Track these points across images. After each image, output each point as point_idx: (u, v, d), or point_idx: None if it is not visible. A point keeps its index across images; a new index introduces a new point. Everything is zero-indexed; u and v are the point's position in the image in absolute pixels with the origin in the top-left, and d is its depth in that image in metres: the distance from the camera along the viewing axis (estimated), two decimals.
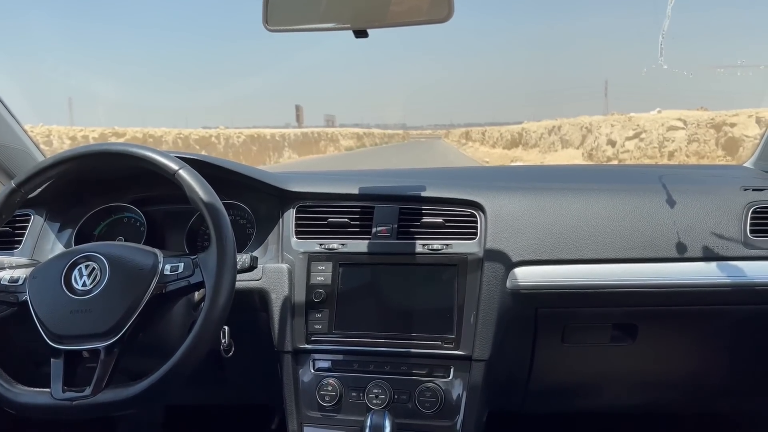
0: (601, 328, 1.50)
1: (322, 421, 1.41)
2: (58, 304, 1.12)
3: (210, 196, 1.16)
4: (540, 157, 28.25)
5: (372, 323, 1.41)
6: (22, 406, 1.10)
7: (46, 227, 1.58)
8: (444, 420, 1.37)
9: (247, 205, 1.58)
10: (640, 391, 1.71)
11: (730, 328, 1.53)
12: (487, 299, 1.38)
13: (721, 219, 1.43)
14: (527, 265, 1.41)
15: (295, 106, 74.66)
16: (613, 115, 23.71)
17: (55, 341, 1.10)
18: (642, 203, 1.46)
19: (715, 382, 1.67)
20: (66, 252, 1.21)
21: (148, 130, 28.01)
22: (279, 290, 1.44)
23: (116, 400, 1.07)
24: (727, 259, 1.39)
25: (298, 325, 1.43)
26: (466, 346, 1.37)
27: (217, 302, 1.09)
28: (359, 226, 1.49)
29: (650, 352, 1.56)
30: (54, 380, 1.09)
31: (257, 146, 35.11)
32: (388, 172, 1.99)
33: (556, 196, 1.50)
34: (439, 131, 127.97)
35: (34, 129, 20.90)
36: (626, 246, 1.40)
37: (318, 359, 1.43)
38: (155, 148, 1.24)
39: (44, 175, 1.24)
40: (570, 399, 1.76)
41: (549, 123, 32.04)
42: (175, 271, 1.14)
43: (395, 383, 1.38)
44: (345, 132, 62.70)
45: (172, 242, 1.60)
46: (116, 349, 1.09)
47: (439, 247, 1.43)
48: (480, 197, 1.48)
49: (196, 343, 1.08)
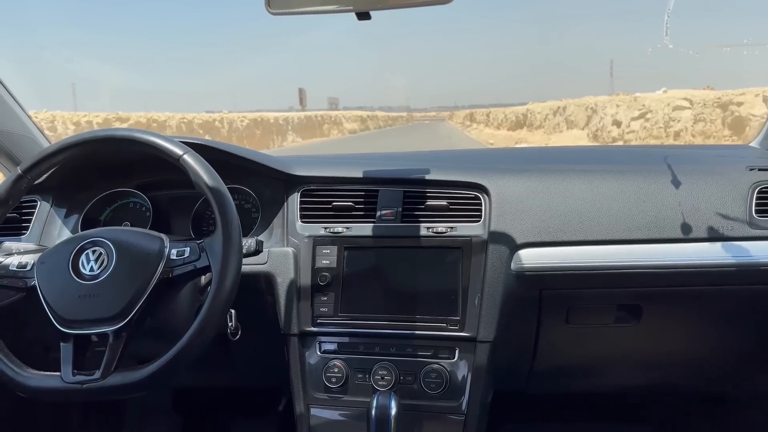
0: (606, 310, 1.51)
1: (328, 403, 1.43)
2: (66, 289, 1.13)
3: (215, 181, 1.16)
4: (545, 138, 28.13)
5: (377, 306, 1.42)
6: (33, 389, 1.12)
7: (53, 213, 1.59)
8: (449, 400, 1.38)
9: (251, 190, 1.58)
10: (644, 371, 1.72)
11: (735, 308, 1.53)
12: (491, 281, 1.38)
13: (727, 199, 1.42)
14: (532, 246, 1.41)
15: (298, 89, 74.40)
16: (619, 96, 23.57)
17: (63, 326, 1.11)
18: (647, 184, 1.46)
19: (720, 362, 1.68)
20: (73, 237, 1.22)
21: (152, 115, 27.99)
22: (284, 274, 1.45)
23: (125, 383, 1.08)
24: (733, 239, 1.39)
25: (304, 308, 1.44)
26: (471, 328, 1.38)
27: (223, 286, 1.10)
28: (364, 209, 1.49)
29: (654, 333, 1.56)
30: (64, 364, 1.10)
31: (261, 130, 35.06)
32: (392, 156, 1.99)
33: (561, 177, 1.50)
34: (443, 113, 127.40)
35: (38, 115, 20.91)
36: (631, 227, 1.40)
37: (324, 341, 1.44)
38: (159, 133, 1.24)
39: (50, 161, 1.24)
40: (574, 379, 1.77)
41: (554, 104, 31.87)
42: (181, 255, 1.15)
43: (401, 365, 1.39)
44: (348, 115, 62.51)
45: (177, 227, 1.61)
46: (124, 333, 1.10)
47: (443, 230, 1.43)
48: (484, 180, 1.48)
49: (204, 327, 1.09)
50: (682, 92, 19.35)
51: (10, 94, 1.75)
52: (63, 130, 21.25)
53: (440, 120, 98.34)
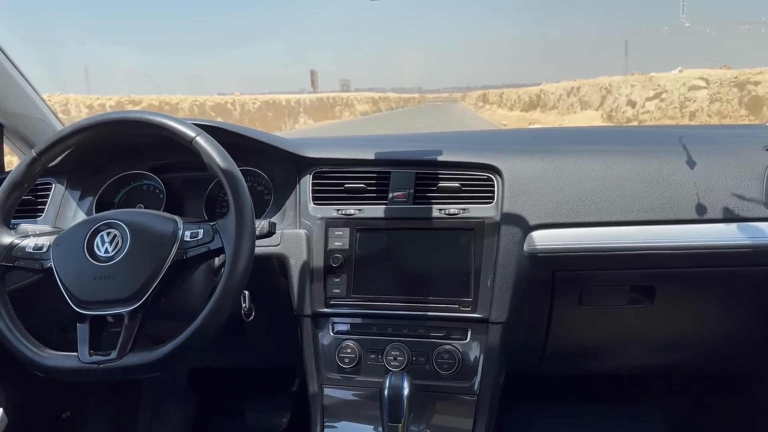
0: (619, 291, 1.50)
1: (341, 383, 1.44)
2: (82, 270, 1.15)
3: (227, 163, 1.16)
4: (558, 119, 27.91)
5: (389, 287, 1.43)
6: (51, 369, 1.14)
7: (68, 195, 1.61)
8: (462, 381, 1.39)
9: (264, 172, 1.58)
10: (657, 352, 1.71)
11: (749, 290, 1.52)
12: (504, 263, 1.38)
13: (742, 180, 1.41)
14: (545, 228, 1.40)
15: (310, 71, 74.12)
16: (633, 76, 23.28)
17: (80, 307, 1.13)
18: (662, 165, 1.44)
19: (733, 343, 1.67)
20: (87, 220, 1.23)
21: (164, 98, 28.04)
22: (297, 256, 1.45)
23: (141, 363, 1.09)
24: (748, 220, 1.37)
25: (317, 290, 1.45)
26: (483, 309, 1.38)
27: (237, 267, 1.11)
28: (376, 191, 1.49)
29: (668, 314, 1.56)
30: (81, 344, 1.12)
31: (273, 112, 35.04)
32: (403, 137, 1.98)
33: (575, 158, 1.49)
34: (456, 94, 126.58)
35: (51, 98, 21.01)
36: (645, 208, 1.39)
37: (337, 322, 1.45)
38: (172, 115, 1.24)
39: (64, 144, 1.25)
40: (587, 361, 1.77)
41: (568, 84, 31.56)
42: (195, 237, 1.16)
43: (413, 345, 1.40)
44: (360, 97, 62.25)
45: (191, 209, 1.62)
46: (140, 314, 1.11)
47: (455, 212, 1.43)
48: (497, 161, 1.47)
49: (218, 308, 1.10)
50: (698, 71, 19.08)
51: (24, 77, 1.76)
52: (76, 113, 21.35)
53: (453, 101, 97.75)
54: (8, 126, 1.81)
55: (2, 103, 1.74)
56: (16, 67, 1.72)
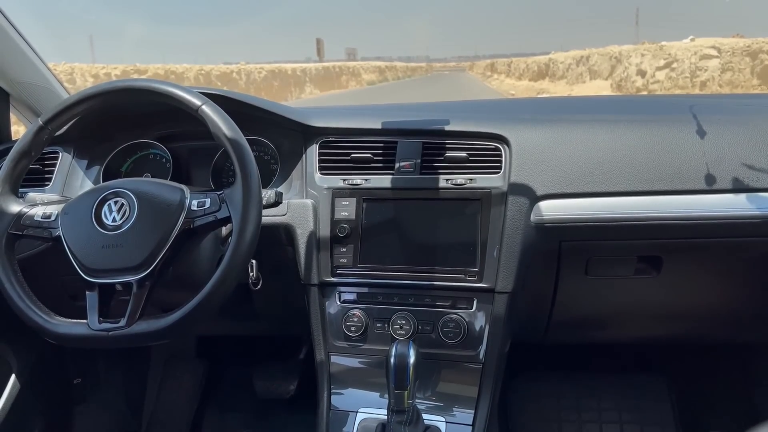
0: (626, 261, 1.50)
1: (348, 351, 1.45)
2: (90, 239, 1.15)
3: (233, 132, 1.16)
4: (567, 88, 27.63)
5: (396, 257, 1.43)
6: (61, 336, 1.15)
7: (74, 164, 1.61)
8: (467, 350, 1.40)
9: (270, 141, 1.58)
10: (663, 322, 1.72)
11: (757, 260, 1.51)
12: (510, 233, 1.38)
13: (753, 150, 1.39)
14: (552, 198, 1.40)
15: (316, 40, 73.37)
16: (644, 45, 22.95)
17: (89, 275, 1.14)
18: (671, 134, 1.43)
19: (739, 313, 1.67)
20: (95, 188, 1.23)
21: (170, 67, 27.88)
22: (304, 225, 1.46)
23: (150, 330, 1.11)
24: (758, 190, 1.36)
25: (324, 259, 1.45)
26: (489, 279, 1.38)
27: (244, 236, 1.11)
28: (382, 161, 1.49)
29: (675, 285, 1.56)
30: (90, 312, 1.13)
31: (278, 82, 34.82)
32: (410, 106, 1.97)
33: (583, 128, 1.47)
34: (464, 63, 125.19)
35: (57, 67, 20.93)
36: (654, 178, 1.38)
37: (344, 291, 1.46)
38: (178, 84, 1.23)
39: (70, 112, 1.25)
40: (593, 330, 1.78)
41: (577, 53, 31.17)
42: (202, 206, 1.16)
43: (419, 315, 1.41)
44: (367, 66, 61.68)
45: (197, 178, 1.62)
46: (148, 282, 1.12)
47: (462, 182, 1.42)
48: (505, 130, 1.46)
49: (225, 277, 1.10)
50: (710, 40, 18.78)
51: (29, 45, 1.75)
52: (82, 82, 21.30)
53: (461, 70, 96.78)
54: (14, 95, 1.80)
55: (8, 72, 1.73)
56: (22, 36, 1.71)
